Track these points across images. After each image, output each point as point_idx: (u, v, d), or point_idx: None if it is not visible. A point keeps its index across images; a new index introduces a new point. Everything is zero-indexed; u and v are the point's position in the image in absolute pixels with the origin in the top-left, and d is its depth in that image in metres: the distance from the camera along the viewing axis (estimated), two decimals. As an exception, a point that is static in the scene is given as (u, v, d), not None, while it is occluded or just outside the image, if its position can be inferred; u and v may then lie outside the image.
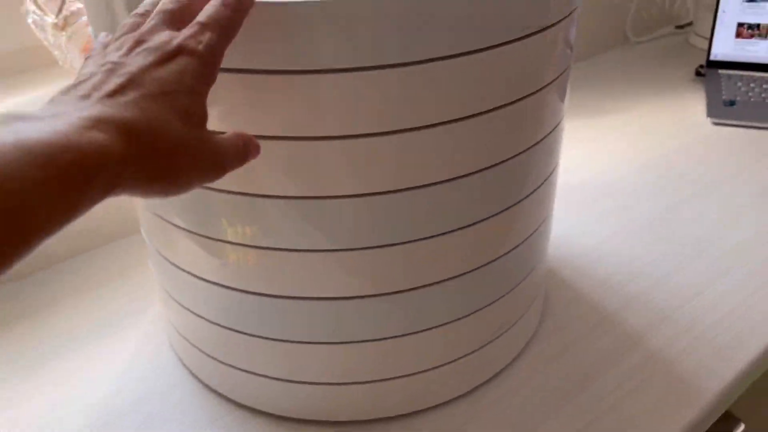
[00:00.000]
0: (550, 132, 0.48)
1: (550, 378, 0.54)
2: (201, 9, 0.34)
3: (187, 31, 0.32)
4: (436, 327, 0.48)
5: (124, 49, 0.32)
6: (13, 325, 0.63)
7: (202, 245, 0.45)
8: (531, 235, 0.51)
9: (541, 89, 0.44)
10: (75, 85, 0.30)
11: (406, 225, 0.43)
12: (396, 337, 0.48)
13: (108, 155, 0.27)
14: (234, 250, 0.44)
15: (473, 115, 0.40)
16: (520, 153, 0.45)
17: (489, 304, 0.50)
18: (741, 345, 0.56)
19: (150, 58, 0.31)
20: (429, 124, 0.39)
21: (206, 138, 0.32)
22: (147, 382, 0.56)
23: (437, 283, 0.46)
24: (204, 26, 0.32)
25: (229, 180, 0.40)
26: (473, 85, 0.39)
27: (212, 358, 0.52)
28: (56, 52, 0.67)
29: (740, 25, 1.06)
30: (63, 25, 0.64)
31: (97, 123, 0.27)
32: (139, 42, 0.32)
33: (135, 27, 0.34)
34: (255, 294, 0.46)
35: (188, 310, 0.51)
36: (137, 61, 0.31)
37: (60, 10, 0.65)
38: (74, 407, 0.54)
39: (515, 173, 0.46)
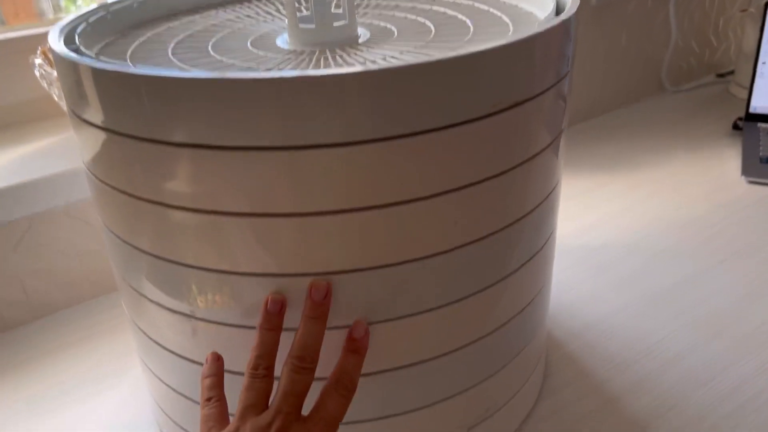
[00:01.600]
0: (539, 204, 0.44)
1: (541, 468, 0.50)
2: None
3: (315, 429, 0.38)
4: (410, 411, 0.45)
5: None
6: None
7: (174, 320, 0.44)
8: (521, 311, 0.48)
9: (523, 163, 0.41)
10: None
11: (382, 303, 0.40)
12: (369, 420, 0.45)
13: None
14: (206, 326, 0.42)
15: (450, 191, 0.38)
16: (502, 228, 0.42)
17: (473, 386, 0.47)
18: (759, 440, 0.51)
19: None
20: (409, 199, 0.37)
21: None
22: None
23: (415, 364, 0.43)
24: (326, 424, 0.38)
25: (204, 256, 0.39)
26: (445, 161, 0.37)
27: None
28: (62, 104, 0.68)
29: (782, 77, 1.00)
30: (68, 78, 0.65)
31: None
32: None
33: (261, 398, 0.38)
34: (228, 372, 0.44)
35: (163, 381, 0.49)
36: None
37: (65, 64, 0.65)
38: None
39: (499, 248, 0.43)
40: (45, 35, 0.73)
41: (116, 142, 0.38)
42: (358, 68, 0.33)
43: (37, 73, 0.66)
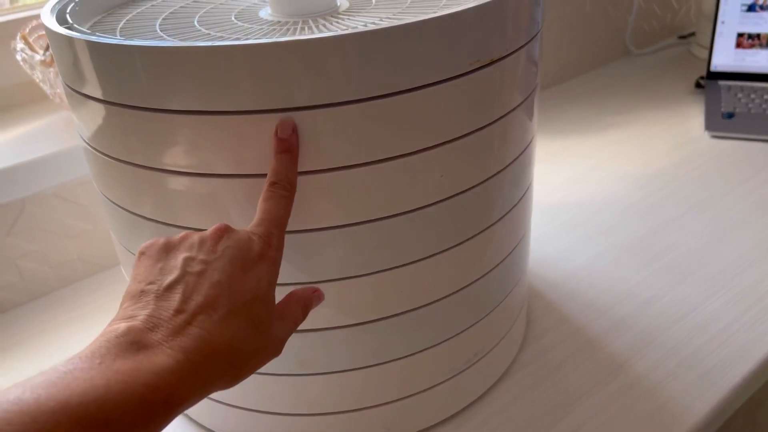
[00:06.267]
0: (517, 157, 0.47)
1: (528, 406, 0.53)
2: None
3: (259, 230, 0.36)
4: (405, 357, 0.48)
5: (209, 244, 0.35)
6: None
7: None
8: (504, 259, 0.51)
9: (501, 117, 0.43)
10: (168, 288, 0.33)
11: (374, 255, 0.43)
12: (364, 368, 0.48)
13: (201, 377, 0.31)
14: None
15: (434, 146, 0.40)
16: (484, 181, 0.45)
17: (461, 332, 0.50)
18: (727, 368, 0.55)
19: (236, 264, 0.34)
20: (389, 156, 0.40)
21: (271, 338, 0.35)
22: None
23: (405, 312, 0.46)
24: (271, 224, 0.36)
25: (201, 218, 0.41)
26: (428, 118, 0.39)
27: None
28: (45, 87, 0.69)
29: (740, 35, 1.04)
30: (50, 62, 0.66)
31: (190, 353, 0.31)
32: (221, 233, 0.35)
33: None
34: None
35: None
36: (225, 267, 0.34)
37: (47, 48, 0.66)
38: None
39: (481, 200, 0.45)
40: (20, 21, 0.74)
41: (114, 114, 0.40)
42: (339, 32, 0.35)
43: (18, 58, 0.67)
